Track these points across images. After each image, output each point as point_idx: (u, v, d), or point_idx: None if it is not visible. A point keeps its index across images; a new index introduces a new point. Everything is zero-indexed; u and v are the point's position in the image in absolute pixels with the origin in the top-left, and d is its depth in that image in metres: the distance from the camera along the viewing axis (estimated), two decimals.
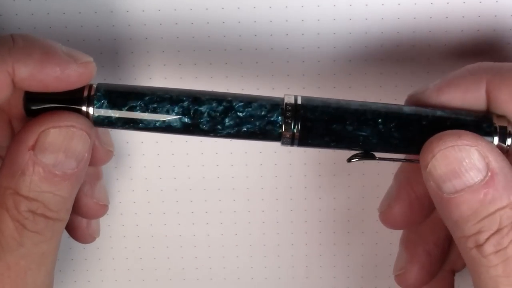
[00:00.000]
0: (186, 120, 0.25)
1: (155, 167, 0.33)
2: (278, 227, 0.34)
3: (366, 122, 0.25)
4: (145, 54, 0.31)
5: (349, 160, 0.26)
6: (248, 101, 0.25)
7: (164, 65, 0.31)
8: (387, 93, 0.31)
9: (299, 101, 0.25)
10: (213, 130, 0.25)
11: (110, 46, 0.31)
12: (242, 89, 0.31)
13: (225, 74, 0.31)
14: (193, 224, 0.34)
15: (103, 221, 0.33)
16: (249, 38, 0.31)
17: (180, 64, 0.31)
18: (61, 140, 0.24)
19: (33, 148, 0.24)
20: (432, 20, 0.30)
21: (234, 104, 0.25)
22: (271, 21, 0.30)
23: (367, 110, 0.25)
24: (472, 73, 0.26)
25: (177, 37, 0.31)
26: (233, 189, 0.33)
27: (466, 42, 0.31)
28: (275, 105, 0.25)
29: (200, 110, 0.25)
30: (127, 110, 0.25)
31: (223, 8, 0.30)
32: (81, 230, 0.30)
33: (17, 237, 0.24)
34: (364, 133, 0.25)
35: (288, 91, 0.31)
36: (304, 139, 0.25)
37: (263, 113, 0.25)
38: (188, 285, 0.34)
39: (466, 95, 0.26)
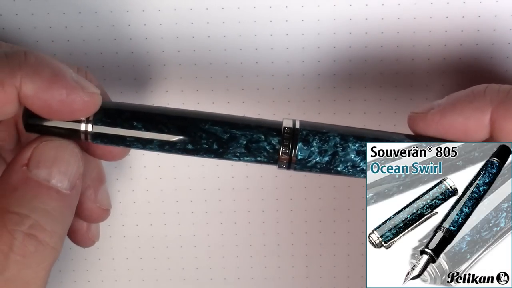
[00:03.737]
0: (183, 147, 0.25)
1: (155, 167, 0.33)
2: (278, 227, 0.34)
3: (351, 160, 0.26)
4: (145, 55, 0.31)
5: None
6: (248, 134, 0.25)
7: (164, 65, 0.31)
8: (387, 91, 0.31)
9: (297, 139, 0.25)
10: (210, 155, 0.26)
11: (110, 46, 0.31)
12: (242, 89, 0.31)
13: (225, 74, 0.31)
14: (193, 224, 0.34)
15: (103, 221, 0.33)
16: (249, 38, 0.31)
17: (180, 64, 0.31)
18: (53, 154, 0.24)
19: (27, 165, 0.24)
20: (432, 20, 0.30)
21: (231, 145, 0.25)
22: (271, 21, 0.30)
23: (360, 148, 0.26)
24: (477, 99, 0.26)
25: (177, 37, 0.31)
26: (233, 189, 0.33)
27: (466, 42, 0.31)
28: (272, 157, 0.25)
29: (199, 147, 0.25)
30: (126, 140, 0.25)
31: (223, 8, 0.30)
32: (81, 233, 0.30)
33: (2, 260, 0.23)
34: (344, 169, 0.26)
35: (288, 91, 0.32)
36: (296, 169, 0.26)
37: (261, 157, 0.26)
38: (188, 285, 0.34)
39: (469, 122, 0.25)
